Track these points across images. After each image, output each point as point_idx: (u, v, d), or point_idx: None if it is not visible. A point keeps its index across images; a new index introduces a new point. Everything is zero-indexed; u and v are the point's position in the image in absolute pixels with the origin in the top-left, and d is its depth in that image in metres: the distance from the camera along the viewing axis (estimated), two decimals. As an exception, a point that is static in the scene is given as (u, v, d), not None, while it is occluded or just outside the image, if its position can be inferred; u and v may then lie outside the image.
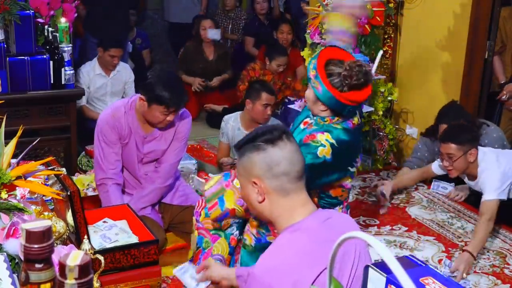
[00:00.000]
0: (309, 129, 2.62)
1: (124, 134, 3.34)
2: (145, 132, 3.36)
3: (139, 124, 3.35)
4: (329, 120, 2.64)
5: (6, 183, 1.79)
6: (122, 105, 3.37)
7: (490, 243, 3.79)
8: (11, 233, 1.76)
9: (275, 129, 1.75)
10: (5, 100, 2.55)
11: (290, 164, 1.71)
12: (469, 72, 4.60)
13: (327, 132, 2.52)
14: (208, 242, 2.78)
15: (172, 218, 3.56)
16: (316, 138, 2.50)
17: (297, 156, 1.73)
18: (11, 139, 1.86)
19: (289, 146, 1.72)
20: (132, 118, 3.34)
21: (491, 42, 4.59)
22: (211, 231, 2.79)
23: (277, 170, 1.70)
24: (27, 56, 3.92)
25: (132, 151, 3.38)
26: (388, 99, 4.75)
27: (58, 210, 2.54)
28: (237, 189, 2.43)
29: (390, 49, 5.07)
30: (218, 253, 2.75)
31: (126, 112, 3.33)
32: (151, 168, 3.46)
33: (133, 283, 2.58)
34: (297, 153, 1.73)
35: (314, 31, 4.36)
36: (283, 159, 1.70)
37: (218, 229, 2.77)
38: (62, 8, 4.21)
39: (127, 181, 3.49)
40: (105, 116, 3.35)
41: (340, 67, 2.49)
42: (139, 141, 3.37)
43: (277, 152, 1.70)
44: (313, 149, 2.47)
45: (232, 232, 2.77)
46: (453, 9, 4.63)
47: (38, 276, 1.17)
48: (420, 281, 1.22)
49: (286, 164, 1.70)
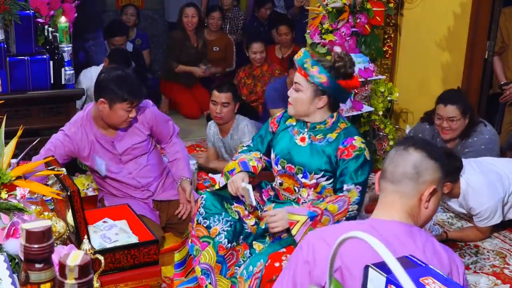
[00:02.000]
0: (320, 141, 2.71)
1: (82, 146, 3.31)
2: (110, 136, 3.35)
3: (102, 133, 3.33)
4: (329, 121, 2.69)
5: (6, 183, 1.79)
6: (77, 119, 3.35)
7: (490, 243, 3.79)
8: (11, 233, 1.76)
9: (412, 139, 1.93)
10: (5, 100, 2.55)
11: (391, 162, 1.80)
12: (469, 72, 4.61)
13: (356, 136, 2.69)
14: (198, 250, 2.81)
15: (169, 216, 3.55)
16: (356, 147, 2.64)
17: (402, 161, 1.78)
18: (11, 139, 1.86)
19: (406, 152, 1.78)
20: (93, 129, 3.31)
21: (491, 42, 4.59)
22: (201, 239, 2.82)
23: (383, 165, 1.84)
24: (27, 56, 3.92)
25: (105, 156, 3.35)
26: (388, 99, 4.74)
27: (58, 210, 2.54)
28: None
29: (390, 49, 5.07)
30: (205, 262, 2.78)
31: (83, 126, 3.31)
32: (134, 166, 3.43)
33: (133, 283, 2.58)
34: (405, 160, 1.77)
35: (314, 31, 4.36)
36: (389, 157, 1.82)
37: (207, 237, 2.79)
38: (62, 8, 4.21)
39: (116, 190, 3.47)
40: (62, 135, 3.29)
41: (328, 60, 2.71)
42: (108, 146, 3.34)
43: (392, 152, 1.83)
44: (360, 159, 2.62)
45: (220, 241, 2.79)
46: (453, 9, 4.63)
47: (38, 276, 1.17)
48: (420, 281, 1.22)
49: (389, 161, 1.81)
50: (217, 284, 2.78)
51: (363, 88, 4.37)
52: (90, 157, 3.36)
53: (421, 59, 4.94)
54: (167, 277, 3.22)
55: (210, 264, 2.78)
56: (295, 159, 2.76)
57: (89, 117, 3.32)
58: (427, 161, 1.76)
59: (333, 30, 4.28)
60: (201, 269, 2.78)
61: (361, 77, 4.25)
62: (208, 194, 2.89)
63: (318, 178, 2.72)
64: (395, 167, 1.77)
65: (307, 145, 2.75)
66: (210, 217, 2.82)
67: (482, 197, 3.52)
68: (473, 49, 4.55)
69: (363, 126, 4.60)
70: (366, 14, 4.29)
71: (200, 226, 2.83)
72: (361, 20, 4.28)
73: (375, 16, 4.35)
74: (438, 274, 1.26)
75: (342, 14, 4.24)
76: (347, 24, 4.25)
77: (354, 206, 2.57)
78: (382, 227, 1.73)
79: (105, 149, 3.35)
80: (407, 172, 1.76)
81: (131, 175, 3.43)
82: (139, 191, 3.49)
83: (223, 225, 2.81)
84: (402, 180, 1.76)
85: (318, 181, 2.72)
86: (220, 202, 2.86)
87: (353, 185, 2.59)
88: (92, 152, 3.34)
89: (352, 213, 2.56)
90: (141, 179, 3.46)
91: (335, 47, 3.50)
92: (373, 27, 4.41)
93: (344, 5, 4.23)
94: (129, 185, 3.45)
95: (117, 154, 3.37)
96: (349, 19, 4.25)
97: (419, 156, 1.76)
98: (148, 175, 3.48)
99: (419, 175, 1.75)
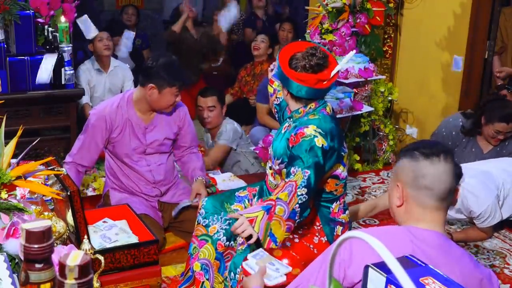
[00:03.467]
0: (289, 129, 2.69)
1: (116, 128, 3.38)
2: (145, 123, 3.43)
3: (139, 116, 3.41)
4: (303, 111, 2.68)
5: (6, 183, 1.79)
6: (115, 100, 3.43)
7: (490, 243, 3.79)
8: (11, 233, 1.76)
9: (436, 145, 1.80)
10: (5, 100, 2.55)
11: (436, 181, 1.72)
12: (469, 72, 4.61)
13: (310, 125, 2.60)
14: (196, 248, 2.84)
15: (172, 217, 3.57)
16: (305, 133, 2.57)
17: (446, 177, 1.73)
18: (11, 139, 1.86)
19: (442, 165, 1.73)
20: (130, 111, 3.39)
21: (491, 42, 4.59)
22: (199, 237, 2.84)
23: (421, 182, 1.73)
24: (27, 56, 3.92)
25: (133, 142, 3.42)
26: (388, 99, 4.75)
27: (58, 210, 2.54)
28: (281, 218, 2.45)
29: (390, 49, 5.07)
30: (204, 257, 2.80)
31: (120, 107, 3.38)
32: (154, 160, 3.49)
33: (133, 283, 2.58)
34: (447, 175, 1.73)
35: (314, 31, 4.36)
36: (430, 174, 1.72)
37: (206, 235, 2.81)
38: (62, 8, 4.21)
39: (126, 179, 3.49)
40: (98, 111, 3.39)
41: (299, 57, 2.66)
42: (140, 132, 3.42)
43: (427, 166, 1.73)
44: (308, 144, 2.53)
45: (219, 238, 2.82)
46: (453, 9, 4.63)
47: (38, 276, 1.17)
48: (420, 281, 1.22)
49: (432, 180, 1.72)
50: (214, 281, 2.80)
51: (363, 88, 4.37)
52: (118, 138, 3.40)
53: (421, 59, 4.94)
54: (167, 277, 3.22)
55: (210, 259, 2.80)
56: (272, 145, 2.81)
57: (129, 99, 3.41)
58: (455, 167, 1.76)
59: (333, 30, 4.29)
60: (201, 264, 2.82)
61: (361, 77, 4.25)
62: (209, 197, 2.98)
63: (279, 164, 2.70)
64: (442, 183, 1.73)
65: (283, 132, 2.76)
66: (209, 216, 2.88)
67: (480, 198, 3.55)
68: (473, 49, 4.55)
69: (363, 126, 4.61)
70: (366, 14, 4.29)
71: (200, 225, 2.89)
72: (361, 20, 4.28)
73: (375, 16, 4.35)
74: (438, 274, 1.26)
75: (342, 14, 4.24)
76: (347, 24, 4.25)
77: (303, 190, 2.47)
78: (422, 236, 1.71)
79: (135, 134, 3.41)
80: (452, 187, 1.74)
81: (149, 168, 3.49)
82: (150, 186, 3.52)
83: (222, 224, 2.85)
84: (447, 197, 1.75)
85: (280, 167, 2.70)
86: (220, 203, 2.92)
87: (299, 168, 2.50)
88: (123, 133, 3.40)
89: (302, 197, 2.47)
90: (156, 175, 3.51)
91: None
92: (373, 27, 4.41)
93: (344, 5, 4.24)
94: (143, 177, 3.49)
95: (144, 144, 3.44)
96: (349, 19, 4.25)
97: (452, 166, 1.74)
98: (163, 174, 3.54)
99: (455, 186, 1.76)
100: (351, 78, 4.20)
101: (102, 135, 3.36)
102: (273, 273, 2.21)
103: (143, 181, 3.50)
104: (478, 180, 3.59)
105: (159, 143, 3.48)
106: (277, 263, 2.28)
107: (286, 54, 2.69)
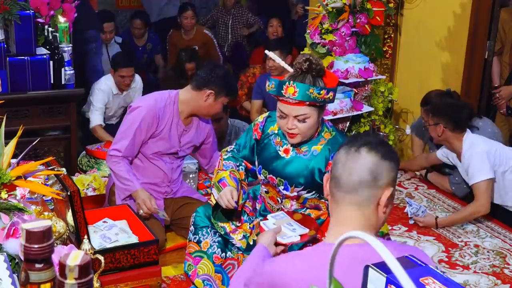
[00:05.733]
0: (308, 154, 2.63)
1: (161, 125, 3.42)
2: (185, 125, 3.51)
3: (180, 118, 3.48)
4: (315, 132, 2.66)
5: (6, 183, 1.79)
6: (163, 98, 3.45)
7: (490, 243, 3.79)
8: (11, 233, 1.76)
9: (362, 138, 1.65)
10: (5, 100, 2.55)
11: (343, 170, 1.60)
12: (469, 72, 4.61)
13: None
14: (191, 265, 2.81)
15: (173, 212, 3.59)
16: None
17: (356, 166, 1.58)
18: (11, 139, 1.86)
19: (356, 155, 1.59)
20: (174, 111, 3.45)
21: (491, 42, 4.59)
22: (192, 254, 2.81)
23: (334, 172, 1.63)
24: (27, 56, 3.92)
25: (171, 142, 3.48)
26: (388, 99, 4.74)
27: (58, 210, 2.54)
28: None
29: (390, 49, 5.07)
30: (204, 273, 2.77)
31: (167, 105, 3.43)
32: (177, 164, 3.61)
33: (133, 283, 2.58)
34: (359, 164, 1.58)
35: (314, 31, 4.36)
36: (340, 162, 1.61)
37: (199, 251, 2.79)
38: (62, 8, 4.20)
39: (145, 171, 3.53)
40: (148, 106, 3.39)
41: (293, 74, 2.50)
42: (177, 132, 3.49)
43: (341, 155, 1.62)
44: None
45: (214, 251, 2.79)
46: (453, 9, 4.63)
47: (38, 276, 1.17)
48: (420, 281, 1.21)
49: (340, 168, 1.61)
50: None
51: (363, 88, 4.37)
52: (159, 135, 3.44)
53: (421, 59, 4.94)
54: (167, 277, 3.22)
55: (210, 274, 2.77)
56: (277, 171, 2.66)
57: (176, 99, 3.46)
58: (382, 163, 1.58)
59: (333, 30, 4.28)
60: (202, 280, 2.77)
61: (361, 77, 4.25)
62: (201, 208, 2.88)
63: (299, 191, 2.65)
64: (350, 175, 1.58)
65: (290, 158, 2.64)
66: (199, 231, 2.82)
67: (477, 146, 3.91)
68: (473, 49, 4.55)
69: (363, 126, 4.60)
70: (366, 14, 4.29)
71: (191, 242, 2.85)
72: (361, 20, 4.28)
73: (375, 16, 4.35)
74: (438, 274, 1.26)
75: (342, 14, 4.24)
76: (347, 24, 4.25)
77: None
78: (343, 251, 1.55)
79: (173, 134, 3.46)
80: (364, 179, 1.57)
81: (171, 166, 3.57)
82: (165, 184, 3.60)
83: (213, 237, 2.81)
84: (358, 188, 1.58)
85: (300, 193, 2.65)
86: (209, 216, 2.83)
87: None
88: (165, 131, 3.45)
89: None
90: (173, 175, 3.61)
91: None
92: (373, 27, 4.41)
93: (344, 5, 4.23)
94: (165, 174, 3.56)
95: (177, 145, 3.51)
96: (349, 19, 4.25)
97: (374, 159, 1.58)
98: (178, 175, 3.67)
99: (376, 180, 1.57)
100: (351, 78, 4.20)
101: (151, 129, 3.40)
102: (289, 232, 2.29)
103: (159, 178, 3.55)
104: (483, 139, 3.97)
105: (188, 146, 3.56)
106: (295, 224, 2.36)
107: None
